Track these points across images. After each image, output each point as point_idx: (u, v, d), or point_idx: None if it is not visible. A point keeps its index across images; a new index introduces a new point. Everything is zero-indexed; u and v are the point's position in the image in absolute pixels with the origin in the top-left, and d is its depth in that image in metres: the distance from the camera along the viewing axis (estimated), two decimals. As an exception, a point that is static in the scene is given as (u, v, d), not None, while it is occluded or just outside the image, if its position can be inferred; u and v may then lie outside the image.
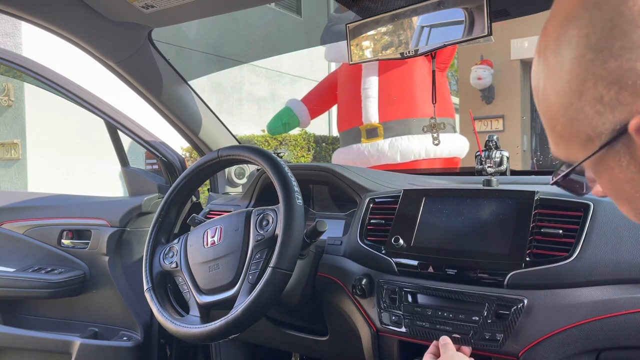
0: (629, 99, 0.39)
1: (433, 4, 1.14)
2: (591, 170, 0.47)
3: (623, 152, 0.42)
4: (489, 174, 1.21)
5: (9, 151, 6.16)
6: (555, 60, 0.43)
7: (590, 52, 0.40)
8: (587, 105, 0.41)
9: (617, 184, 0.45)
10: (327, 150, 8.07)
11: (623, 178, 0.43)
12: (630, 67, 0.38)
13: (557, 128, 0.45)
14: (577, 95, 0.42)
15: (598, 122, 0.41)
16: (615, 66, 0.39)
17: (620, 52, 0.39)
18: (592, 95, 0.41)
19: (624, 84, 0.39)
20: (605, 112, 0.40)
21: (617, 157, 0.42)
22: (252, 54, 9.28)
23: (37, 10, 1.30)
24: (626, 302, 0.88)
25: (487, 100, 7.21)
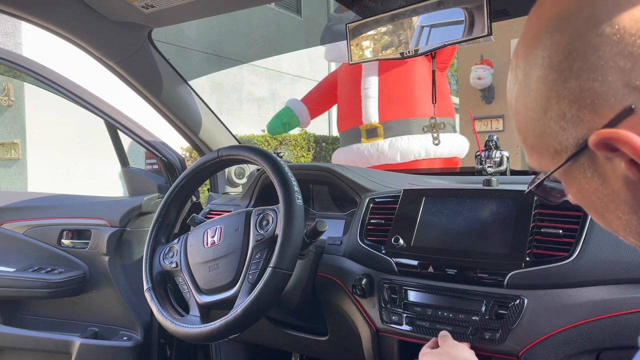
0: (589, 117, 0.42)
1: (433, 4, 1.14)
2: (561, 181, 0.50)
3: (587, 164, 0.44)
4: (489, 174, 1.21)
5: (9, 151, 6.16)
6: (524, 78, 0.46)
7: (552, 72, 0.43)
8: (552, 121, 0.44)
9: (584, 194, 0.47)
10: (327, 150, 8.07)
11: (589, 189, 0.46)
12: (589, 87, 0.41)
13: (529, 141, 0.48)
14: (543, 111, 0.45)
15: (563, 137, 0.44)
16: (575, 86, 0.42)
17: (579, 72, 0.41)
18: (556, 112, 0.44)
19: (584, 102, 0.41)
20: (569, 128, 0.43)
21: (582, 169, 0.45)
22: (252, 54, 9.28)
23: (37, 10, 1.30)
24: (626, 302, 0.88)
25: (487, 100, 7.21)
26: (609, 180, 0.44)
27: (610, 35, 0.40)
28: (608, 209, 0.46)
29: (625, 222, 0.46)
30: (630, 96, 0.40)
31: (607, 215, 0.47)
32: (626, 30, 0.40)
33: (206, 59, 8.38)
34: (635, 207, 0.44)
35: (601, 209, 0.47)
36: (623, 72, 0.40)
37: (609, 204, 0.45)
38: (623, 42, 0.40)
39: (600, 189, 0.45)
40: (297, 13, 10.07)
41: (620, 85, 0.40)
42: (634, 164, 0.41)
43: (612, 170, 0.43)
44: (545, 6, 0.46)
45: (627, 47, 0.40)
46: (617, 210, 0.45)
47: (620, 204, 0.44)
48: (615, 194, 0.44)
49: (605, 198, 0.45)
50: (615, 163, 0.42)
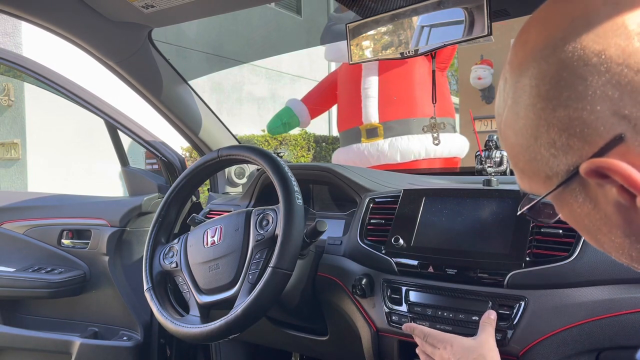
0: (579, 145, 0.42)
1: (433, 4, 1.14)
2: (553, 204, 0.50)
3: (578, 190, 0.45)
4: (489, 173, 1.21)
5: (9, 151, 6.16)
6: (513, 104, 0.46)
7: (541, 100, 0.43)
8: (543, 148, 0.44)
9: (576, 217, 0.48)
10: (327, 150, 8.07)
11: (581, 212, 0.46)
12: (578, 116, 0.41)
13: (519, 165, 0.49)
14: (533, 138, 0.45)
15: (553, 164, 0.44)
16: (564, 115, 0.42)
17: (567, 101, 0.41)
18: (546, 139, 0.44)
19: (573, 131, 0.42)
20: (559, 155, 0.43)
21: (573, 194, 0.45)
22: (252, 54, 9.28)
23: (37, 10, 1.30)
24: (626, 302, 0.88)
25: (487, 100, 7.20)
26: (601, 205, 0.44)
27: (597, 64, 0.40)
28: (601, 231, 0.46)
29: (618, 245, 0.46)
30: (620, 125, 0.40)
31: (600, 237, 0.47)
32: (613, 60, 0.40)
33: (206, 59, 8.38)
34: (627, 231, 0.44)
35: (594, 232, 0.47)
36: (611, 101, 0.40)
37: (602, 227, 0.46)
38: (610, 71, 0.40)
39: (592, 213, 0.45)
40: (297, 13, 10.07)
41: (609, 114, 0.40)
42: (625, 190, 0.41)
43: (603, 195, 0.43)
44: (530, 34, 0.45)
45: (614, 77, 0.40)
46: (610, 233, 0.45)
47: (612, 227, 0.45)
48: (607, 218, 0.44)
49: (598, 222, 0.45)
50: (607, 189, 0.42)
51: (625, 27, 0.40)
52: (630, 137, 0.40)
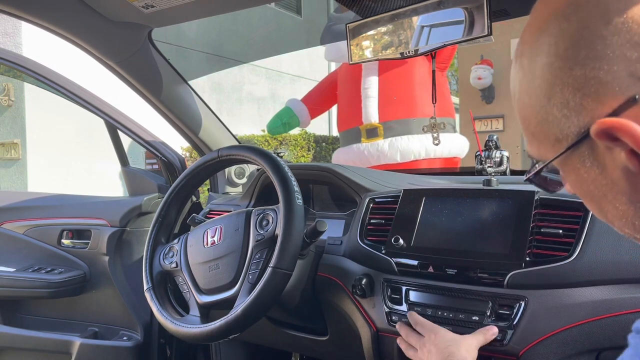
0: (592, 105, 0.42)
1: (433, 4, 1.14)
2: (560, 169, 0.50)
3: (587, 153, 0.45)
4: (489, 173, 1.21)
5: (9, 151, 6.16)
6: (529, 65, 0.46)
7: (558, 59, 0.43)
8: (555, 108, 0.44)
9: (582, 184, 0.48)
10: (327, 150, 8.07)
11: (587, 178, 0.46)
12: (594, 76, 0.41)
13: (530, 128, 0.49)
14: (546, 98, 0.45)
15: (565, 125, 0.44)
16: (580, 74, 0.42)
17: (585, 60, 0.42)
18: (560, 99, 0.44)
19: (588, 90, 0.42)
20: (571, 116, 0.43)
21: (582, 158, 0.45)
22: (252, 54, 9.28)
23: (37, 10, 1.30)
24: (626, 302, 0.88)
25: (487, 100, 7.20)
26: (608, 170, 0.44)
27: (618, 24, 0.40)
28: (605, 198, 0.46)
29: (622, 213, 0.46)
30: (635, 86, 0.40)
31: (604, 205, 0.47)
32: (634, 20, 0.40)
33: (206, 59, 8.38)
34: (632, 197, 0.44)
35: (598, 199, 0.47)
36: (629, 62, 0.40)
37: (607, 193, 0.45)
38: (631, 32, 0.40)
39: (598, 178, 0.45)
40: (297, 13, 10.07)
41: (626, 75, 0.40)
42: (634, 155, 0.41)
43: (611, 160, 0.43)
44: None
45: (634, 37, 0.40)
46: (615, 200, 0.45)
47: (617, 194, 0.44)
48: (613, 184, 0.44)
49: (604, 188, 0.45)
50: (615, 153, 0.42)
51: None
52: None
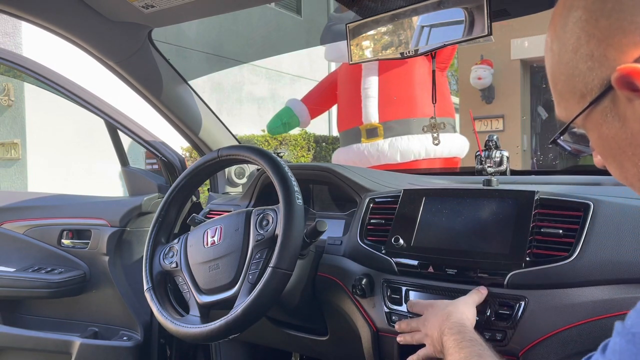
0: (615, 56, 0.43)
1: (433, 4, 1.14)
2: (584, 129, 0.51)
3: (609, 108, 0.46)
4: (489, 173, 1.21)
5: (9, 151, 6.16)
6: (561, 22, 0.48)
7: (586, 12, 0.45)
8: (581, 61, 0.46)
9: (604, 140, 0.49)
10: (327, 150, 8.07)
11: (609, 134, 0.47)
12: (618, 26, 0.43)
13: (558, 87, 0.50)
14: (573, 52, 0.47)
15: (589, 78, 0.46)
16: (606, 25, 0.44)
17: (610, 12, 0.43)
18: (585, 51, 0.45)
19: (612, 41, 0.43)
20: (595, 68, 0.45)
21: (604, 113, 0.47)
22: (252, 54, 9.28)
23: (37, 10, 1.30)
24: (626, 302, 0.88)
25: (487, 100, 7.21)
26: (628, 123, 0.45)
27: None
28: (625, 154, 0.47)
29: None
30: None
31: (624, 162, 0.48)
32: None
33: (206, 59, 8.38)
34: None
35: (619, 156, 0.48)
36: None
37: (626, 149, 0.46)
38: None
39: (619, 133, 0.46)
40: (297, 13, 10.07)
41: None
42: None
43: (632, 112, 0.44)
44: None
45: None
46: (634, 156, 0.46)
47: (637, 147, 0.45)
48: (633, 137, 0.45)
49: (623, 142, 0.46)
50: (636, 105, 0.43)
51: None
52: None
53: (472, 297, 0.97)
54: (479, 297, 0.98)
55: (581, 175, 1.42)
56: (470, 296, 0.98)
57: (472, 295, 0.98)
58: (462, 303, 0.95)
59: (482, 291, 0.99)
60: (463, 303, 0.95)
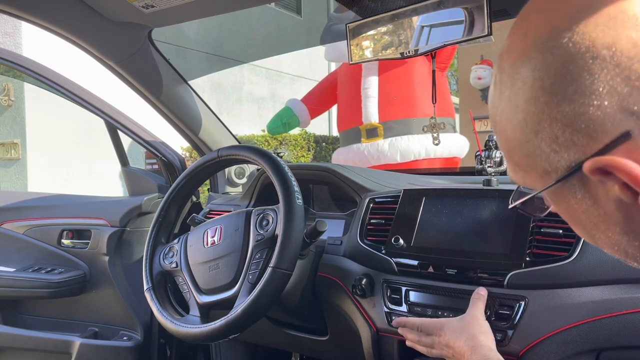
0: (583, 141, 0.40)
1: (433, 4, 1.14)
2: (549, 199, 0.49)
3: (578, 186, 0.43)
4: (489, 173, 1.21)
5: (9, 151, 6.16)
6: (511, 96, 0.44)
7: (544, 94, 0.41)
8: (543, 143, 0.42)
9: (572, 213, 0.46)
10: (327, 150, 8.07)
11: (579, 209, 0.45)
12: (584, 111, 0.39)
13: (515, 159, 0.47)
14: (533, 133, 0.43)
15: (554, 159, 0.42)
16: (569, 109, 0.40)
17: (573, 96, 0.39)
18: (548, 134, 0.42)
19: (578, 126, 0.40)
20: (561, 151, 0.42)
21: (572, 190, 0.44)
22: (252, 54, 9.28)
23: (37, 10, 1.30)
24: (626, 302, 0.88)
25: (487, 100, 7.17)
26: (601, 202, 0.43)
27: (606, 58, 0.38)
28: (597, 228, 0.45)
29: (614, 242, 0.45)
30: (628, 121, 0.38)
31: (595, 233, 0.46)
32: (624, 53, 0.38)
33: (206, 59, 8.38)
34: (626, 228, 0.43)
35: (589, 228, 0.46)
36: (620, 97, 0.38)
37: (599, 224, 0.44)
38: (620, 65, 0.38)
39: (590, 209, 0.44)
40: (297, 13, 10.07)
41: (617, 110, 0.38)
42: (627, 187, 0.40)
43: (604, 192, 0.42)
44: (532, 21, 0.43)
45: (624, 71, 0.38)
46: (607, 230, 0.44)
47: (611, 225, 0.43)
48: (606, 216, 0.43)
49: (595, 219, 0.44)
50: (608, 186, 0.41)
51: (637, 18, 0.38)
52: (638, 134, 0.38)
53: (479, 310, 0.95)
54: (484, 304, 0.97)
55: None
56: (478, 309, 0.95)
57: (477, 305, 0.95)
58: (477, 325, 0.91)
59: (482, 293, 0.99)
60: (477, 325, 0.91)
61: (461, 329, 0.91)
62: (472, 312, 0.95)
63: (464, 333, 0.90)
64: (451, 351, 0.91)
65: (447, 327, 0.93)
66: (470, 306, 0.96)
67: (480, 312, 0.95)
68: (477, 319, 0.93)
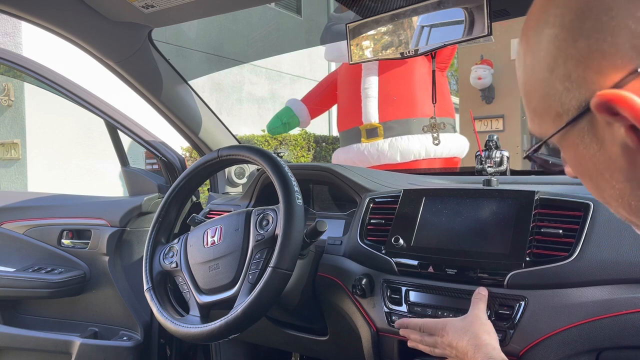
0: (594, 78, 0.41)
1: (433, 4, 1.14)
2: (559, 146, 0.50)
3: (587, 129, 0.44)
4: (489, 173, 1.21)
5: (9, 151, 6.16)
6: (535, 38, 0.46)
7: (563, 31, 0.43)
8: (558, 81, 0.44)
9: (581, 160, 0.47)
10: (327, 150, 8.07)
11: (586, 154, 0.46)
12: (598, 48, 0.41)
13: (532, 104, 0.48)
14: (549, 71, 0.44)
15: (566, 99, 0.44)
16: (584, 46, 0.41)
17: (589, 32, 0.41)
18: (562, 72, 0.43)
19: (590, 63, 0.41)
20: (572, 89, 0.43)
21: (581, 134, 0.45)
22: (252, 54, 9.28)
23: (37, 10, 1.30)
24: (626, 302, 0.88)
25: (487, 100, 7.20)
26: (607, 146, 0.43)
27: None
28: (602, 176, 0.46)
29: (618, 192, 0.45)
30: (638, 59, 0.39)
31: (601, 183, 0.47)
32: None
33: (206, 59, 8.38)
34: (629, 175, 0.43)
35: (596, 177, 0.47)
36: (633, 35, 0.39)
37: (604, 171, 0.45)
38: (636, 3, 0.39)
39: (597, 155, 0.44)
40: (297, 13, 10.07)
41: (629, 48, 0.40)
42: (633, 130, 0.40)
43: (610, 135, 0.43)
44: None
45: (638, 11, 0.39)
46: (612, 178, 0.45)
47: (615, 171, 0.44)
48: (611, 161, 0.44)
49: (601, 165, 0.45)
50: (615, 128, 0.42)
51: None
52: None
53: (480, 310, 0.95)
54: (485, 303, 0.97)
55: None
56: (478, 307, 0.95)
57: (478, 305, 0.96)
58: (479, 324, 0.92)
59: (483, 293, 0.99)
60: (480, 324, 0.92)
61: (464, 329, 0.91)
62: (475, 312, 0.95)
63: (467, 332, 0.90)
64: (454, 351, 0.91)
65: (449, 327, 0.93)
66: (472, 306, 0.97)
67: (482, 312, 0.95)
68: (480, 318, 0.93)
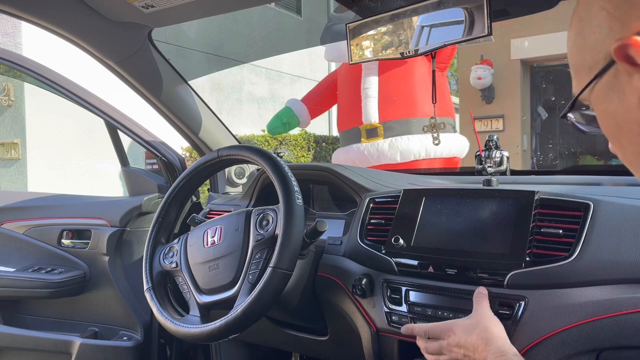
0: (619, 28, 0.43)
1: (433, 4, 1.14)
2: (591, 105, 0.51)
3: (612, 82, 0.46)
4: (489, 173, 1.21)
5: (9, 151, 6.16)
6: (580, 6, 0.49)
7: None
8: (591, 32, 0.46)
9: (606, 117, 0.49)
10: (327, 150, 8.06)
11: (609, 109, 0.48)
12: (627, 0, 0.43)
13: (572, 60, 0.51)
14: (585, 23, 0.47)
15: (596, 51, 0.46)
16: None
17: None
18: (596, 23, 0.46)
19: (619, 13, 0.43)
20: (600, 41, 0.45)
21: (607, 87, 0.47)
22: (252, 54, 9.28)
23: (37, 10, 1.30)
24: (626, 302, 0.88)
25: (487, 100, 7.21)
26: (626, 97, 0.45)
27: None
28: (622, 131, 0.47)
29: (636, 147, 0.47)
30: None
31: (622, 139, 0.48)
32: None
33: (206, 59, 8.38)
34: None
35: (617, 133, 0.48)
36: None
37: (623, 124, 0.46)
38: None
39: (618, 108, 0.46)
40: (297, 13, 10.07)
41: None
42: None
43: (630, 86, 0.44)
44: None
45: None
46: (630, 132, 0.46)
47: (632, 123, 0.45)
48: (629, 112, 0.45)
49: (621, 118, 0.46)
50: (635, 79, 0.43)
51: None
52: None
53: (484, 306, 0.96)
54: (487, 301, 0.98)
55: (581, 175, 1.42)
56: (482, 305, 0.96)
57: (482, 303, 0.96)
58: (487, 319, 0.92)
59: (483, 292, 0.99)
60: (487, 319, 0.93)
61: (472, 325, 0.92)
62: (480, 309, 0.96)
63: (476, 327, 0.91)
64: (462, 350, 0.91)
65: (456, 326, 0.94)
66: (476, 304, 0.97)
67: (487, 308, 0.96)
68: (486, 313, 0.94)
